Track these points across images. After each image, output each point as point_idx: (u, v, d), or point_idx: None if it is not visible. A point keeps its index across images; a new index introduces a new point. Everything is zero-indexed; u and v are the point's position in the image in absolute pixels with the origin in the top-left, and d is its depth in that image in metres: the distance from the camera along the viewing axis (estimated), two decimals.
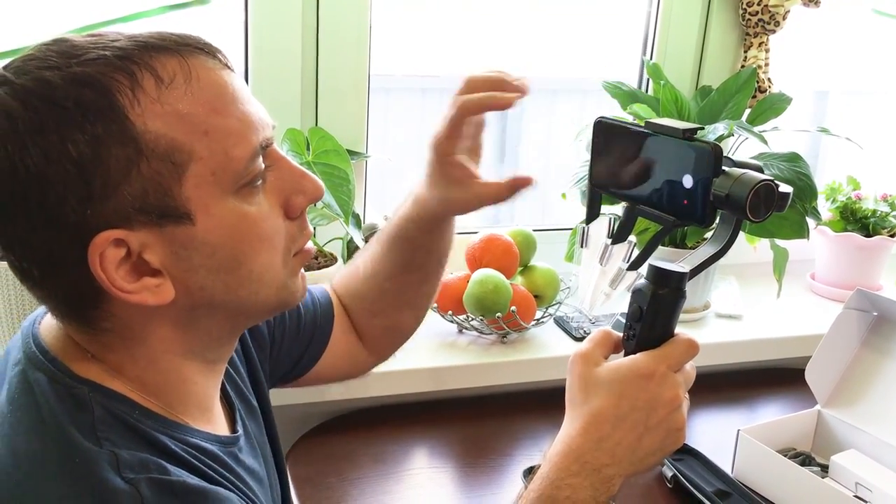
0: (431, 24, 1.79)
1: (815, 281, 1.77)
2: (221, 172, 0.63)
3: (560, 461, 0.74)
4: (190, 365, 0.70)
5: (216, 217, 0.64)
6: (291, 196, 0.70)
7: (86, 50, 0.60)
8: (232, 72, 0.66)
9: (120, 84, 0.59)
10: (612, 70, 1.73)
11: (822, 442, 1.23)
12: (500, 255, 1.39)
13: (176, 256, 0.63)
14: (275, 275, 0.69)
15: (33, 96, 0.58)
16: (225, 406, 0.81)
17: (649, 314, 0.77)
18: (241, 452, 0.76)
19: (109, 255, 0.61)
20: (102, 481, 0.58)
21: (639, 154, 0.81)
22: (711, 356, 1.49)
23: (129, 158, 0.59)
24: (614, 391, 0.75)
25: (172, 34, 0.64)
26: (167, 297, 0.64)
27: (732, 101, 1.50)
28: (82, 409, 0.63)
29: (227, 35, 1.41)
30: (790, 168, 1.41)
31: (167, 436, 0.66)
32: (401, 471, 1.17)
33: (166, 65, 0.62)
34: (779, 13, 1.58)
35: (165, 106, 0.61)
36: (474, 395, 1.37)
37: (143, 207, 0.61)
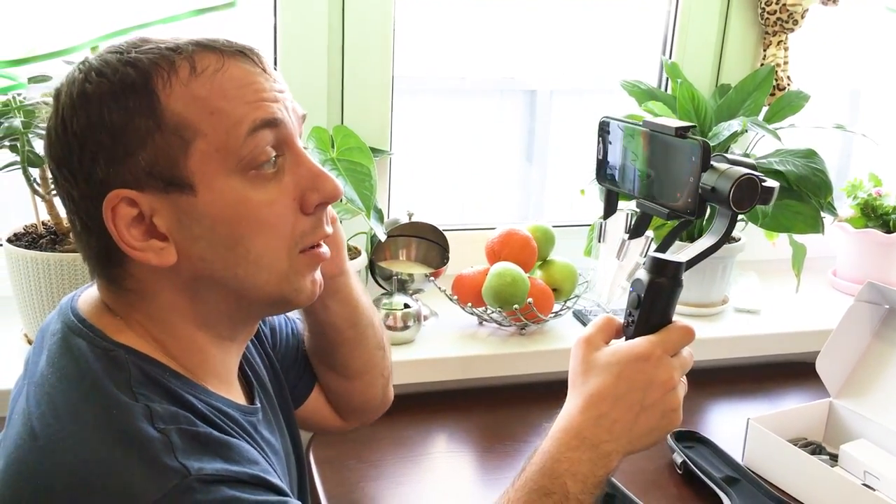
0: (457, 26, 1.83)
1: (837, 277, 1.78)
2: (223, 150, 0.69)
3: (560, 436, 0.78)
4: (204, 336, 0.76)
5: (217, 192, 0.69)
6: (306, 192, 0.74)
7: (150, 42, 0.70)
8: (267, 74, 0.73)
9: (160, 68, 0.68)
10: (635, 70, 1.76)
11: (833, 432, 1.25)
12: (518, 249, 1.43)
13: (179, 224, 0.70)
14: (274, 261, 0.73)
15: (93, 71, 0.69)
16: (244, 384, 0.86)
17: (647, 301, 0.81)
18: (260, 424, 0.81)
19: (121, 212, 0.68)
20: (138, 430, 0.64)
21: (637, 151, 0.86)
22: (728, 349, 1.51)
23: (148, 129, 0.68)
24: (612, 372, 0.79)
25: (225, 39, 0.72)
26: (169, 260, 0.70)
27: (750, 98, 1.52)
28: (119, 368, 0.69)
29: (256, 37, 1.47)
30: (805, 164, 1.43)
31: (193, 396, 0.71)
32: (419, 455, 1.22)
33: (205, 58, 0.70)
34: (797, 12, 1.60)
35: (190, 90, 0.69)
36: (493, 385, 1.41)
37: (152, 173, 0.68)
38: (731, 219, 0.83)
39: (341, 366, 1.00)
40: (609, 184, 0.92)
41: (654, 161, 0.85)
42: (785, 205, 1.42)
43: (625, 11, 1.84)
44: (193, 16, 1.09)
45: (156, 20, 1.07)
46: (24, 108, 1.14)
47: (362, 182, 1.30)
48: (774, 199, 0.80)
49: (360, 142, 1.34)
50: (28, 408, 0.69)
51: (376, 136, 1.50)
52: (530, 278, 1.40)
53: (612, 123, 0.90)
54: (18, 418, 0.70)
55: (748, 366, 1.55)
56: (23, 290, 1.18)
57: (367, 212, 1.28)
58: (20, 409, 0.71)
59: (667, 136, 0.82)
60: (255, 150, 0.70)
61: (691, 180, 0.80)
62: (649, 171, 0.86)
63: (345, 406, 1.05)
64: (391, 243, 1.44)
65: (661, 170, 0.84)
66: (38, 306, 1.17)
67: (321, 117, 1.46)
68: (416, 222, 1.46)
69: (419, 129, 1.92)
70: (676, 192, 0.82)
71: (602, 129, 0.91)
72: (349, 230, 1.44)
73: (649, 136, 0.85)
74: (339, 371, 1.00)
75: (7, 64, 1.06)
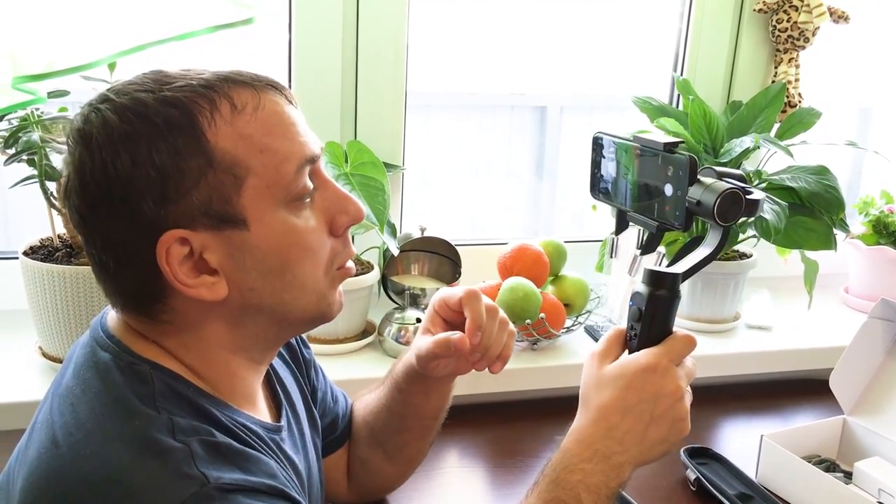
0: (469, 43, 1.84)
1: (849, 294, 1.77)
2: (274, 186, 0.71)
3: (573, 448, 0.80)
4: (238, 361, 0.77)
5: (268, 225, 0.71)
6: (336, 215, 0.78)
7: (176, 79, 0.70)
8: (294, 106, 0.76)
9: (202, 108, 0.69)
10: (646, 87, 1.77)
11: (846, 449, 1.25)
12: (530, 264, 1.44)
13: (231, 258, 0.71)
14: (316, 283, 0.76)
15: (129, 111, 0.68)
16: (271, 401, 0.87)
17: (647, 314, 0.83)
18: (284, 443, 0.82)
19: (174, 252, 0.69)
20: (159, 440, 0.65)
21: (629, 165, 0.90)
22: (740, 366, 1.51)
23: (201, 169, 0.68)
24: (620, 385, 0.81)
25: (249, 72, 0.74)
26: (221, 293, 0.71)
27: (762, 115, 1.53)
28: (143, 382, 0.70)
29: (272, 53, 1.49)
30: (818, 180, 1.43)
31: (217, 410, 0.72)
32: (431, 469, 1.22)
33: (241, 94, 0.71)
34: (808, 30, 1.61)
35: (234, 128, 0.70)
36: (505, 400, 1.41)
37: (206, 212, 0.69)
38: (724, 231, 0.85)
39: (395, 448, 1.03)
40: (603, 197, 0.96)
41: (644, 175, 0.88)
42: (797, 221, 1.43)
43: (635, 28, 1.85)
44: (211, 32, 1.10)
45: (174, 36, 1.08)
46: (43, 122, 1.15)
47: (376, 197, 1.31)
48: (760, 210, 0.82)
49: (373, 157, 1.35)
50: (51, 417, 0.70)
51: (389, 152, 1.50)
52: (542, 293, 1.40)
53: (605, 139, 0.94)
54: (41, 427, 0.71)
55: (760, 382, 1.55)
56: (38, 303, 1.18)
57: (381, 226, 1.29)
58: (43, 418, 0.72)
59: (656, 151, 0.86)
60: (301, 184, 0.73)
61: (679, 194, 0.83)
62: (640, 184, 0.89)
63: (369, 482, 1.07)
64: (403, 258, 1.45)
65: (651, 184, 0.87)
66: (53, 319, 1.18)
67: (335, 132, 1.47)
68: (429, 237, 1.46)
69: (431, 145, 1.93)
70: (665, 206, 0.85)
71: (596, 145, 0.96)
72: (362, 244, 1.45)
73: (640, 152, 0.88)
74: (389, 452, 1.03)
75: (26, 79, 1.07)
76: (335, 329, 1.36)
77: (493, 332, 0.92)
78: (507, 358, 0.94)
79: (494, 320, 0.93)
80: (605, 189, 0.95)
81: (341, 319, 1.35)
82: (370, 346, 1.40)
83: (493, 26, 1.87)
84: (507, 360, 0.94)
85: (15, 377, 1.19)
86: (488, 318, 0.91)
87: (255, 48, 1.51)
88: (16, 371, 1.21)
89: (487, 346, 0.92)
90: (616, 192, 0.93)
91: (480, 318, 0.91)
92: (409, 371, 0.96)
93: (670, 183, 0.84)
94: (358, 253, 1.43)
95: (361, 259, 1.43)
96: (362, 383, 1.08)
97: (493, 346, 0.92)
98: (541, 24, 1.86)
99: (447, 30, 1.78)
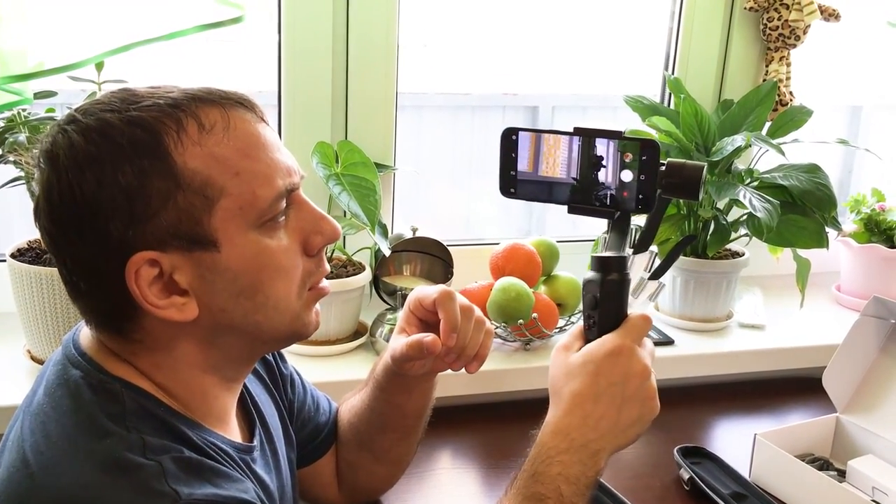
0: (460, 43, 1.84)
1: (841, 292, 1.78)
2: (248, 208, 0.70)
3: (549, 440, 0.80)
4: (210, 379, 0.76)
5: (239, 247, 0.70)
6: (311, 235, 0.76)
7: (143, 98, 0.69)
8: (266, 125, 0.75)
9: (168, 127, 0.68)
10: (637, 86, 1.77)
11: (840, 448, 1.25)
12: (522, 264, 1.43)
13: (202, 279, 0.70)
14: (289, 304, 0.75)
15: (94, 132, 0.67)
16: (244, 421, 0.86)
17: (603, 300, 0.84)
18: (255, 463, 0.81)
19: (143, 273, 0.68)
20: (129, 459, 0.64)
21: (570, 158, 0.87)
22: (733, 364, 1.51)
23: (169, 190, 0.67)
24: (590, 370, 0.81)
25: (219, 90, 0.72)
26: (191, 314, 0.70)
27: (753, 114, 1.53)
28: (114, 401, 0.69)
29: (261, 52, 1.48)
30: (809, 178, 1.43)
31: (188, 429, 0.72)
32: (424, 470, 1.21)
33: (209, 114, 0.70)
34: (799, 28, 1.61)
35: (204, 148, 0.69)
36: (497, 401, 1.41)
37: (176, 233, 0.68)
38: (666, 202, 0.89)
39: (381, 449, 1.02)
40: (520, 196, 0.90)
41: (590, 166, 0.86)
42: (789, 219, 1.42)
43: (626, 27, 1.85)
44: (200, 31, 1.09)
45: (162, 35, 1.07)
46: (30, 123, 1.14)
47: (367, 197, 1.30)
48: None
49: (364, 157, 1.34)
50: (22, 435, 0.70)
51: (380, 152, 1.50)
52: (535, 293, 1.40)
53: (521, 134, 0.89)
54: (12, 445, 0.70)
55: (753, 381, 1.54)
56: (26, 306, 1.17)
57: (372, 227, 1.28)
58: (14, 435, 0.71)
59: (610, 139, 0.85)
60: (278, 208, 0.73)
61: (642, 178, 0.83)
62: (584, 176, 0.86)
63: (359, 485, 1.06)
64: (395, 258, 1.44)
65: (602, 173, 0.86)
66: (41, 322, 1.16)
67: (325, 132, 1.47)
68: (420, 237, 1.45)
69: (423, 145, 1.93)
70: (623, 192, 0.85)
71: (507, 141, 0.89)
72: (353, 245, 1.44)
73: (583, 143, 0.86)
74: (376, 453, 1.02)
75: (12, 79, 1.07)
76: (327, 330, 1.35)
77: (469, 333, 0.91)
78: (484, 357, 0.93)
79: (469, 320, 0.92)
80: (532, 189, 0.90)
81: (333, 320, 1.35)
82: (362, 347, 1.39)
83: (485, 26, 1.86)
84: (484, 359, 0.93)
85: (2, 380, 1.18)
86: (463, 319, 0.91)
87: (245, 48, 1.51)
88: (3, 374, 1.20)
89: (463, 347, 0.91)
90: (551, 190, 0.89)
91: (455, 318, 0.90)
92: (387, 371, 0.96)
93: (629, 168, 0.84)
94: (349, 253, 1.43)
95: (353, 260, 1.42)
96: (353, 384, 1.07)
97: (468, 346, 0.92)
98: (532, 23, 1.85)
99: (438, 30, 1.77)
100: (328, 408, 1.06)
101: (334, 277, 1.34)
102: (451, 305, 0.90)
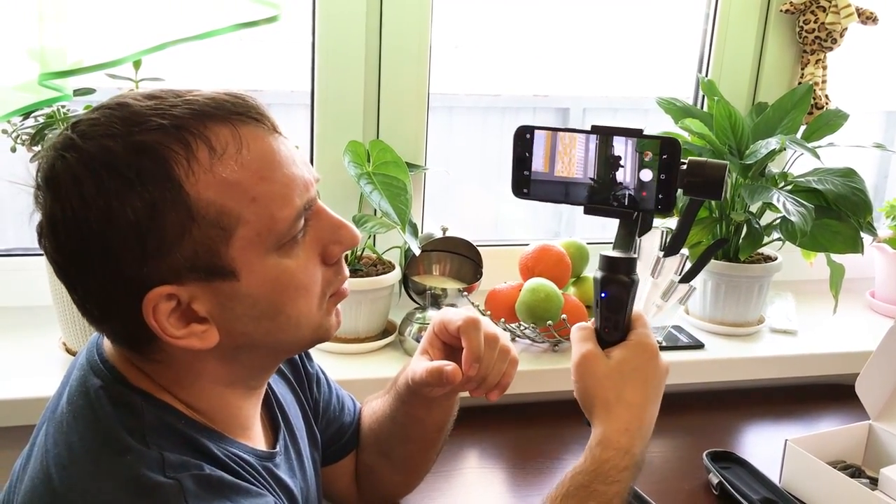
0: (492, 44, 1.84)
1: (875, 299, 1.75)
2: (266, 233, 0.67)
3: (611, 457, 0.81)
4: (234, 392, 0.75)
5: (259, 273, 0.68)
6: (329, 245, 0.74)
7: (146, 118, 0.64)
8: (280, 135, 0.70)
9: (176, 154, 0.63)
10: (670, 88, 1.76)
11: (872, 455, 1.23)
12: (552, 265, 1.43)
13: (221, 307, 0.68)
14: (310, 318, 0.73)
15: (97, 163, 0.63)
16: (269, 424, 0.86)
17: (613, 300, 0.85)
18: (278, 469, 0.80)
19: (161, 307, 0.65)
20: (149, 478, 0.64)
21: (586, 157, 0.86)
22: (764, 370, 1.49)
23: (183, 224, 0.64)
24: (639, 378, 0.83)
25: (227, 100, 0.67)
26: (212, 341, 0.69)
27: (787, 117, 1.51)
28: (134, 414, 0.68)
29: (295, 51, 1.49)
30: (845, 183, 1.42)
31: (210, 441, 0.71)
32: (451, 470, 1.21)
33: (219, 134, 0.65)
34: (836, 31, 1.59)
35: (217, 175, 0.64)
36: (525, 402, 1.40)
37: (193, 267, 0.65)
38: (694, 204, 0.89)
39: (401, 459, 1.01)
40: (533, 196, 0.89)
41: (609, 165, 0.85)
42: (823, 224, 1.41)
43: (659, 29, 1.84)
44: (235, 30, 1.10)
45: (198, 34, 1.09)
46: (69, 119, 1.16)
47: (398, 196, 1.30)
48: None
49: (395, 156, 1.34)
50: (45, 445, 0.69)
51: (411, 152, 1.50)
52: (564, 294, 1.39)
53: (536, 132, 0.87)
54: (38, 453, 0.70)
55: (785, 386, 1.53)
56: (62, 300, 1.19)
57: (403, 226, 1.29)
58: (39, 443, 0.71)
59: (629, 137, 0.84)
60: (296, 228, 0.70)
61: (663, 177, 0.82)
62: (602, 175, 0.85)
63: (376, 489, 1.05)
64: (425, 258, 1.44)
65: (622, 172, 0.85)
66: (76, 315, 1.18)
67: (357, 131, 1.47)
68: (450, 237, 1.46)
69: (454, 146, 1.93)
70: (642, 192, 0.84)
71: (521, 139, 0.88)
72: (383, 244, 1.45)
73: (601, 141, 0.85)
74: (395, 462, 1.01)
75: (52, 76, 1.08)
76: (356, 328, 1.36)
77: (492, 363, 0.88)
78: (506, 386, 0.90)
79: (493, 350, 0.88)
80: (546, 189, 0.88)
81: (362, 318, 1.35)
82: (390, 346, 1.40)
83: (516, 27, 1.86)
84: (506, 388, 0.91)
85: (39, 372, 1.20)
86: (487, 349, 0.87)
87: (279, 47, 1.52)
88: (40, 366, 1.22)
89: (485, 377, 0.89)
90: (557, 188, 0.87)
91: (478, 349, 0.87)
92: (408, 386, 0.93)
93: (649, 168, 0.82)
94: (379, 252, 1.43)
95: (383, 258, 1.43)
96: (381, 383, 1.08)
97: (491, 375, 0.89)
98: (564, 25, 1.85)
99: (470, 31, 1.77)
100: (353, 408, 1.06)
101: (364, 276, 1.34)
102: (476, 335, 0.87)
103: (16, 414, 1.12)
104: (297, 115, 1.52)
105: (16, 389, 1.15)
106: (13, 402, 1.13)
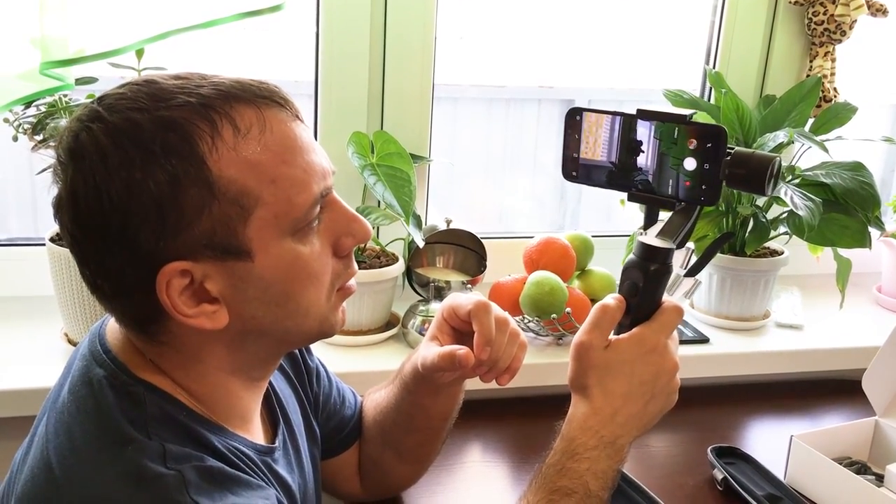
0: (497, 35, 1.82)
1: (882, 293, 1.74)
2: (283, 216, 0.68)
3: (577, 436, 0.81)
4: (236, 381, 0.75)
5: (273, 256, 0.68)
6: (342, 237, 0.74)
7: (172, 95, 0.65)
8: (301, 123, 0.72)
9: (202, 131, 0.64)
10: (677, 80, 1.74)
11: (878, 452, 1.22)
12: (557, 258, 1.42)
13: (234, 288, 0.68)
14: (319, 309, 0.74)
15: (123, 135, 0.63)
16: (268, 420, 0.86)
17: (646, 289, 0.82)
18: (276, 464, 0.80)
19: (175, 283, 0.66)
20: (151, 468, 0.64)
21: (631, 142, 0.83)
22: (770, 364, 1.49)
23: (203, 199, 0.64)
24: (624, 371, 0.82)
25: (252, 84, 0.68)
26: (222, 322, 0.69)
27: (795, 110, 1.50)
28: (137, 405, 0.68)
29: (299, 41, 1.48)
30: (853, 177, 1.40)
31: (211, 433, 0.71)
32: (454, 464, 1.21)
33: (244, 115, 0.66)
34: (845, 23, 1.57)
35: (240, 154, 0.65)
36: (529, 395, 1.40)
37: (209, 244, 0.66)
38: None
39: (407, 449, 1.01)
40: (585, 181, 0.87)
41: (653, 151, 0.82)
42: (831, 218, 1.40)
43: (666, 20, 1.82)
44: (239, 19, 1.09)
45: (201, 23, 1.08)
46: (71, 108, 1.15)
47: (402, 188, 1.30)
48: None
49: (400, 147, 1.33)
50: (46, 435, 0.70)
51: (416, 143, 1.49)
52: (568, 288, 1.38)
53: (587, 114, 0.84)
54: (38, 443, 0.70)
55: (790, 382, 1.52)
56: (63, 289, 1.19)
57: (407, 217, 1.28)
58: (41, 432, 0.71)
59: (674, 124, 0.80)
60: (312, 214, 0.70)
61: (706, 167, 0.79)
62: (646, 162, 0.83)
63: (382, 481, 1.05)
64: (429, 250, 1.44)
65: (665, 159, 0.81)
66: (78, 306, 1.18)
67: (361, 122, 1.46)
68: (454, 229, 1.45)
69: (458, 137, 1.92)
70: (685, 181, 0.81)
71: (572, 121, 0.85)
72: (387, 236, 1.44)
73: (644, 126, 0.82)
74: (401, 452, 1.01)
75: (54, 65, 1.07)
76: (359, 320, 1.35)
77: (503, 346, 0.89)
78: (516, 370, 0.91)
79: (504, 333, 0.89)
80: (590, 173, 0.87)
81: (365, 310, 1.35)
82: (394, 338, 1.39)
83: (522, 19, 1.85)
84: (516, 372, 0.91)
85: (40, 362, 1.19)
86: (498, 332, 0.88)
87: (283, 36, 1.51)
88: (41, 356, 1.21)
89: (496, 360, 0.89)
90: (610, 174, 0.85)
91: (490, 332, 0.87)
92: (415, 374, 0.94)
93: (693, 156, 0.79)
94: (383, 244, 1.43)
95: (386, 250, 1.42)
96: (385, 375, 1.07)
97: (501, 359, 0.89)
98: (569, 16, 1.83)
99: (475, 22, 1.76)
100: (354, 401, 1.06)
101: (367, 267, 1.34)
102: (487, 318, 0.87)
103: (17, 404, 1.12)
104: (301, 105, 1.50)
105: (17, 380, 1.14)
106: (14, 392, 1.12)
